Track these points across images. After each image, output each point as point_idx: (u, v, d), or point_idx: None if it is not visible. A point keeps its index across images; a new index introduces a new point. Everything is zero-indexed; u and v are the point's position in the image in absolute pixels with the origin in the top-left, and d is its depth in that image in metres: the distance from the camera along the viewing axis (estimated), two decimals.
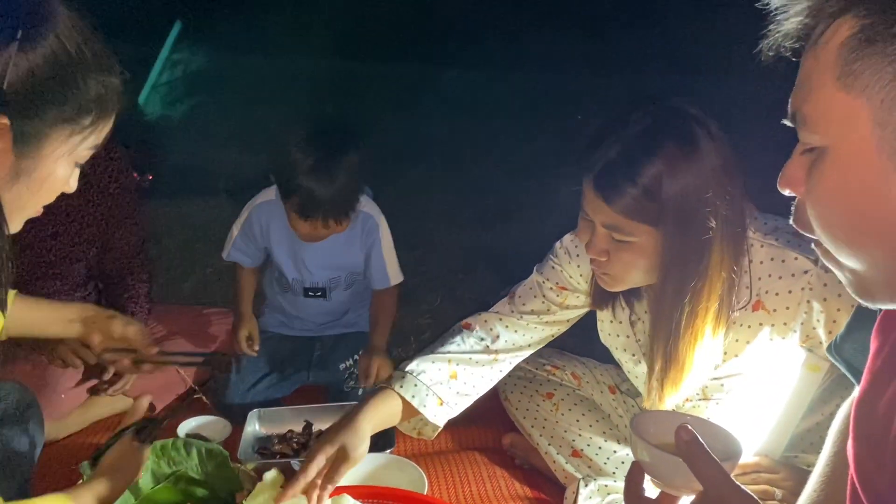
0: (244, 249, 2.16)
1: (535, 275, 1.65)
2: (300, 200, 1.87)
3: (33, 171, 1.00)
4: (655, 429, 1.01)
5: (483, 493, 1.75)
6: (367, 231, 2.10)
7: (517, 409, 1.82)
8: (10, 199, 1.00)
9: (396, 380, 1.47)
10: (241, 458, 1.76)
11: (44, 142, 0.98)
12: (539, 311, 1.61)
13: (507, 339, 1.60)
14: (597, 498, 1.56)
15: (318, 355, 2.19)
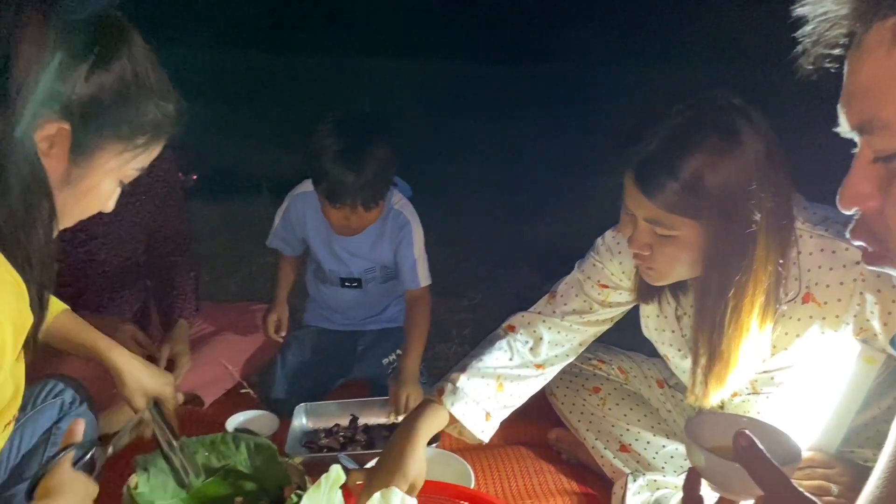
0: (284, 237, 2.20)
1: (576, 272, 1.63)
2: (328, 185, 1.88)
3: (81, 180, 1.03)
4: (710, 432, 0.99)
5: (529, 488, 1.74)
6: (398, 227, 2.10)
7: (563, 404, 1.81)
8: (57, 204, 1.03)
9: (448, 396, 1.47)
10: (288, 452, 1.78)
11: (97, 154, 1.03)
12: (581, 310, 1.60)
13: (550, 341, 1.60)
14: (646, 493, 1.55)
15: (361, 350, 2.20)
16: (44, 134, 0.96)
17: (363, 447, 1.86)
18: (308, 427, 1.96)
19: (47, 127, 0.96)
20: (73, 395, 1.62)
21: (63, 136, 0.98)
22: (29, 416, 1.54)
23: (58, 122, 0.96)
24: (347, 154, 1.85)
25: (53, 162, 0.99)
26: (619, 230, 1.36)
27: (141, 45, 1.05)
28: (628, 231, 1.32)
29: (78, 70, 0.97)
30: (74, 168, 1.02)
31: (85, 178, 1.04)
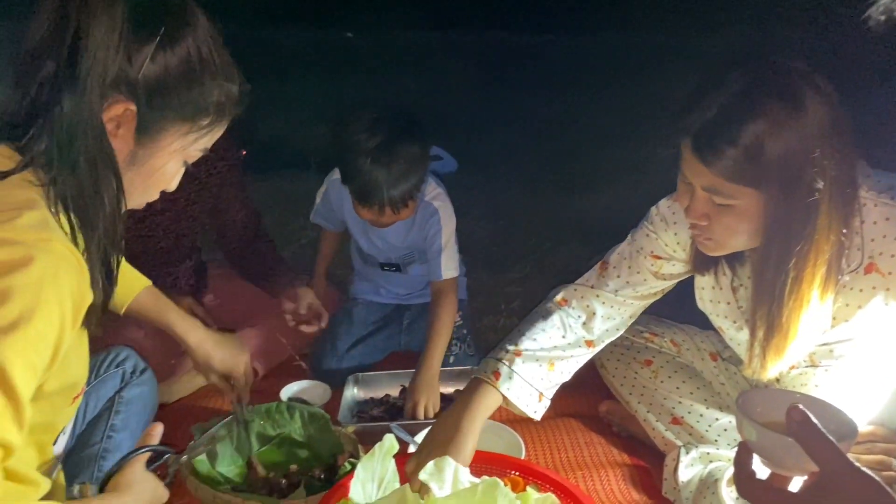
0: (325, 216, 2.22)
1: (628, 242, 1.61)
2: (358, 187, 1.85)
3: (147, 160, 1.05)
4: (763, 407, 0.97)
5: (580, 459, 1.75)
6: (426, 218, 2.05)
7: (614, 377, 1.79)
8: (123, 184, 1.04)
9: (504, 381, 1.46)
10: (340, 421, 1.81)
11: (162, 134, 1.04)
12: (634, 282, 1.58)
13: (603, 315, 1.58)
14: (698, 465, 1.53)
15: (409, 322, 2.22)
16: (111, 114, 0.98)
17: (413, 417, 1.88)
18: (359, 397, 1.99)
19: (114, 107, 0.97)
20: (134, 365, 1.67)
21: (129, 116, 0.99)
22: (93, 385, 1.59)
23: (125, 103, 0.98)
24: (378, 157, 1.80)
25: (120, 142, 1.01)
26: (676, 200, 1.34)
27: (206, 25, 1.05)
28: (685, 201, 1.30)
29: (144, 50, 0.98)
30: (140, 149, 1.03)
31: (150, 159, 1.05)
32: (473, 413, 1.41)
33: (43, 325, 0.86)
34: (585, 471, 1.70)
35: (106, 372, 1.63)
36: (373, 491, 1.33)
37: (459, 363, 2.09)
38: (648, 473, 1.69)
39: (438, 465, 1.30)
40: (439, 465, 1.30)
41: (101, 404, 1.60)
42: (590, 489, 1.62)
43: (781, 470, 0.91)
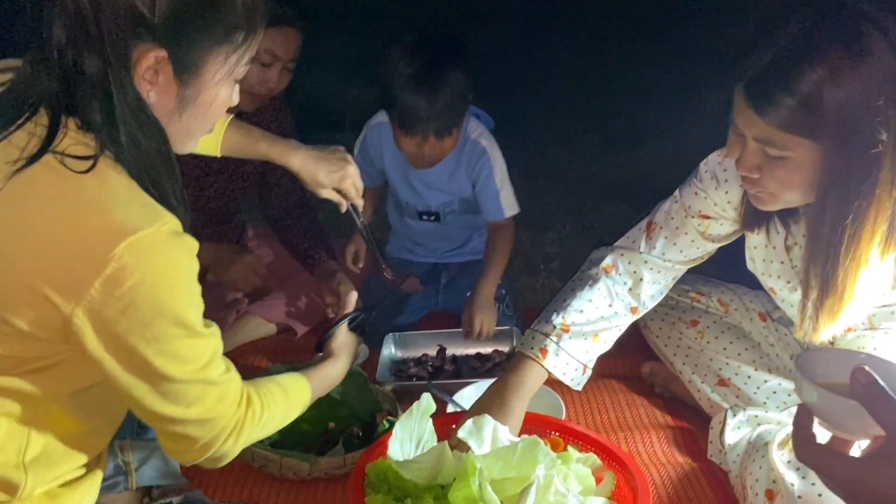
0: (363, 168, 2.13)
1: (675, 201, 1.54)
2: (400, 112, 1.83)
3: (198, 97, 1.00)
4: (824, 368, 0.91)
5: (622, 421, 1.71)
6: (474, 159, 2.02)
7: (658, 337, 1.74)
8: (181, 127, 1.02)
9: (550, 358, 1.43)
10: (379, 380, 1.80)
11: (202, 68, 0.99)
12: (681, 244, 1.53)
13: (649, 280, 1.53)
14: (746, 428, 1.49)
15: (446, 281, 2.19)
16: (144, 65, 0.93)
17: (451, 377, 1.86)
18: (397, 356, 1.98)
19: (144, 59, 0.93)
20: None
21: (163, 62, 0.94)
22: None
23: (153, 51, 0.93)
24: (420, 79, 1.78)
25: (163, 90, 0.96)
26: (726, 152, 1.27)
27: None
28: (735, 152, 1.23)
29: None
30: (186, 89, 0.98)
31: (200, 95, 1.00)
32: (520, 391, 1.40)
33: (189, 282, 0.95)
34: (627, 432, 1.66)
35: None
36: (411, 449, 1.32)
37: (498, 322, 2.05)
38: (692, 436, 1.65)
39: (477, 423, 1.28)
40: (478, 423, 1.28)
41: None
42: (632, 451, 1.59)
43: (843, 433, 0.86)
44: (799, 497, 1.20)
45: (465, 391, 1.70)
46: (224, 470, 1.54)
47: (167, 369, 0.94)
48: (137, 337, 0.91)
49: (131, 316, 0.89)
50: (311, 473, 1.49)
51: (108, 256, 0.86)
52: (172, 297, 0.92)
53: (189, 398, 0.99)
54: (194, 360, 0.97)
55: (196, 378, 0.98)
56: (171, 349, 0.94)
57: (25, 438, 0.98)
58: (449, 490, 1.20)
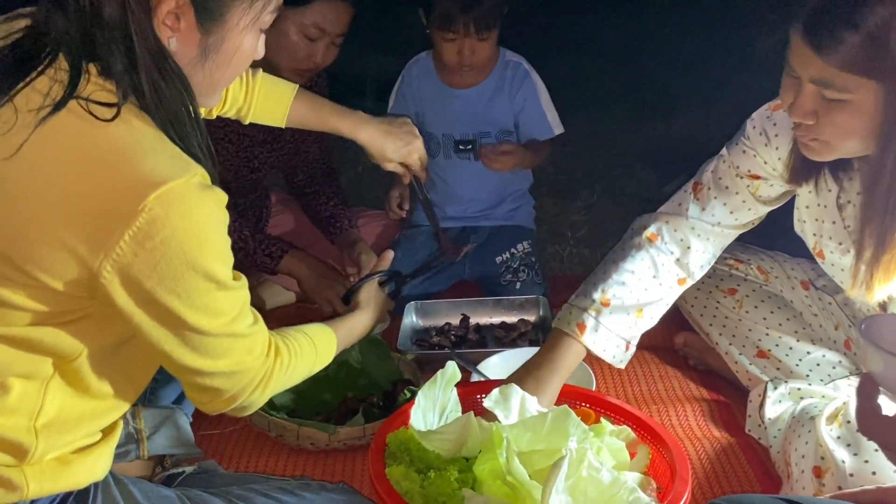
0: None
1: (723, 160, 1.45)
2: (439, 9, 1.85)
3: (221, 45, 0.97)
4: (890, 334, 0.85)
5: (655, 393, 1.64)
6: (518, 80, 2.03)
7: (693, 306, 1.66)
8: (204, 78, 0.98)
9: (590, 333, 1.35)
10: (400, 348, 1.74)
11: (226, 14, 0.95)
12: (733, 205, 1.43)
13: (697, 248, 1.45)
14: (787, 402, 1.41)
15: (474, 247, 2.11)
16: (165, 10, 0.89)
17: (475, 346, 1.80)
18: (419, 325, 1.92)
19: (165, 1, 0.88)
20: None
21: (184, 6, 0.90)
22: None
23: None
24: None
25: (186, 36, 0.93)
26: (780, 98, 1.18)
27: None
28: (790, 97, 1.14)
29: None
30: (209, 36, 0.95)
31: (224, 43, 0.97)
32: (556, 370, 1.33)
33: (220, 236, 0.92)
34: (661, 405, 1.59)
35: None
36: (434, 420, 1.26)
37: (526, 290, 1.99)
38: (729, 409, 1.58)
39: (504, 392, 1.21)
40: (505, 392, 1.22)
41: None
42: (665, 424, 1.52)
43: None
44: (850, 475, 1.13)
45: (490, 360, 1.64)
46: (239, 439, 1.53)
47: (198, 322, 0.92)
48: (168, 291, 0.88)
49: (162, 270, 0.86)
50: (329, 444, 1.44)
51: (137, 208, 0.83)
52: (203, 250, 0.89)
53: (219, 351, 0.98)
54: (225, 313, 0.96)
55: (226, 331, 0.97)
56: (201, 303, 0.92)
57: (40, 401, 0.94)
58: (474, 462, 1.14)
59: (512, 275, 2.03)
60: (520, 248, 2.07)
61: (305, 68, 1.81)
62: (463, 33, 1.87)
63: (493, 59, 2.02)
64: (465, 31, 1.87)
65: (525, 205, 2.19)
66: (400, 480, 1.13)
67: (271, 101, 1.47)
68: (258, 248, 1.82)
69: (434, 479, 1.12)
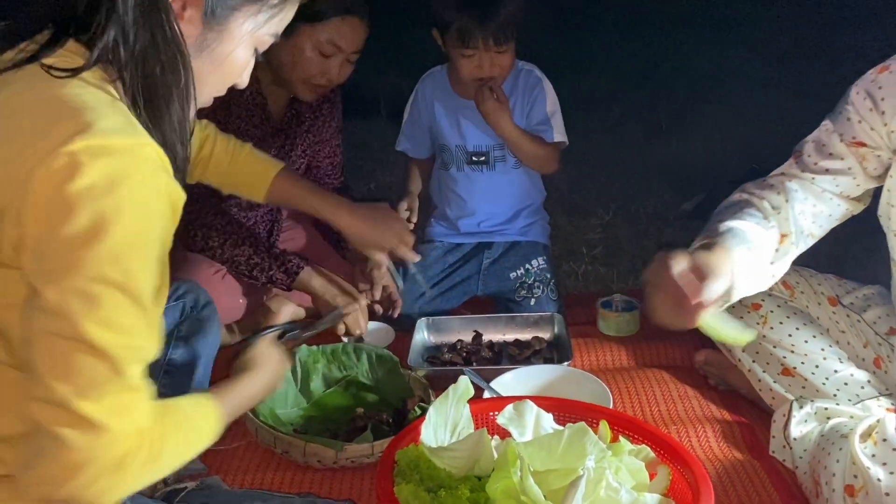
0: (411, 134, 2.14)
1: (826, 128, 1.36)
2: (458, 25, 1.83)
3: (217, 45, 0.97)
4: None
5: (673, 414, 1.58)
6: (530, 86, 2.01)
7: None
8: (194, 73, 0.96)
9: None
10: (411, 364, 1.69)
11: (230, 16, 0.96)
12: (836, 170, 1.34)
13: (799, 211, 1.35)
14: (813, 422, 1.35)
15: (488, 263, 2.08)
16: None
17: (488, 363, 1.75)
18: (430, 342, 1.87)
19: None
20: (195, 299, 1.57)
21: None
22: None
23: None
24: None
25: (188, 25, 0.92)
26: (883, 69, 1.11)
27: None
28: None
29: None
30: (209, 32, 0.95)
31: (220, 44, 0.97)
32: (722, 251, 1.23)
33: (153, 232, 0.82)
34: (680, 426, 1.53)
35: (166, 305, 1.52)
36: (445, 436, 1.21)
37: (541, 307, 1.94)
38: (752, 430, 1.52)
39: (518, 408, 1.17)
40: (519, 408, 1.17)
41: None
42: (685, 446, 1.45)
43: None
44: (886, 494, 1.07)
45: (504, 378, 1.59)
46: (244, 455, 1.49)
47: (89, 332, 0.76)
48: (66, 265, 0.76)
49: (69, 232, 0.75)
50: (336, 461, 1.39)
51: (59, 150, 0.75)
52: (126, 235, 0.77)
53: (95, 381, 0.78)
54: (127, 333, 0.79)
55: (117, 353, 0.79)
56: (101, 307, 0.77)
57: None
58: (486, 481, 1.09)
59: (526, 291, 1.99)
60: (535, 263, 2.03)
61: (319, 84, 1.80)
62: (483, 48, 1.86)
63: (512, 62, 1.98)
64: (485, 45, 1.85)
65: (540, 220, 2.15)
66: (409, 499, 1.08)
67: (253, 176, 1.52)
68: (273, 263, 1.78)
69: (444, 498, 1.07)
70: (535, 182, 2.12)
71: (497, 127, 1.94)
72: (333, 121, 2.06)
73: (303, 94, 1.84)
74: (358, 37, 1.78)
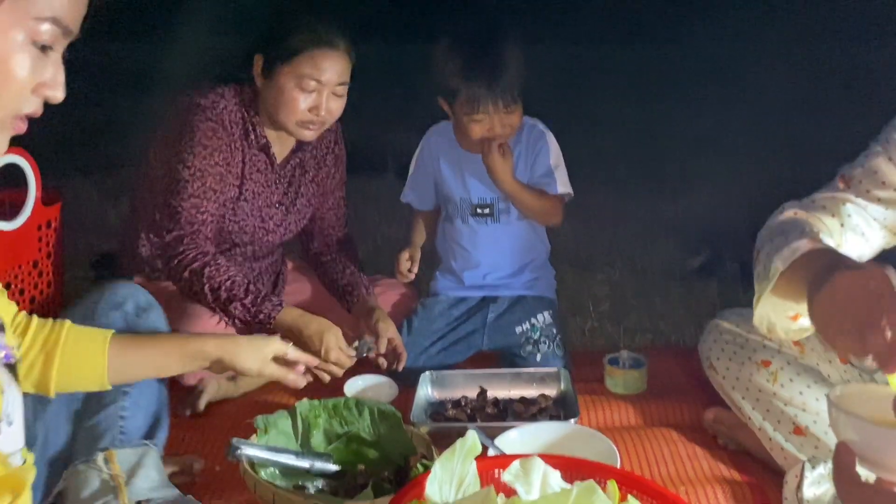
0: (417, 186, 2.16)
1: (878, 153, 1.32)
2: (467, 89, 1.87)
3: None
4: (862, 403, 0.86)
5: (682, 474, 1.54)
6: (533, 140, 2.03)
7: (725, 378, 1.57)
8: None
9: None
10: (414, 420, 1.66)
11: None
12: (887, 199, 1.30)
13: (852, 227, 1.30)
14: (826, 484, 1.31)
15: (494, 317, 2.06)
16: None
17: (493, 420, 1.72)
18: (434, 397, 1.84)
19: None
20: (135, 304, 1.41)
21: None
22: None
23: None
24: (480, 53, 1.87)
25: None
26: None
27: None
28: None
29: None
30: None
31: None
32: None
33: None
34: (689, 486, 1.49)
35: (104, 316, 1.35)
36: (450, 493, 1.17)
37: (546, 363, 1.92)
38: (762, 492, 1.48)
39: (525, 465, 1.13)
40: (526, 466, 1.14)
41: None
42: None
43: (886, 472, 0.80)
44: None
45: (509, 435, 1.55)
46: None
47: None
48: None
49: None
50: None
51: None
52: None
53: None
54: None
55: None
56: None
57: None
58: None
59: (532, 346, 1.97)
60: (540, 318, 2.02)
61: (311, 121, 1.81)
62: (492, 112, 1.89)
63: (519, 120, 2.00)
64: (494, 108, 1.88)
65: (545, 274, 2.15)
66: None
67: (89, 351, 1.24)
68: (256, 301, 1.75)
69: None
70: (540, 235, 2.13)
71: (498, 181, 1.96)
72: (338, 172, 2.09)
73: (300, 135, 1.84)
74: (337, 68, 1.79)
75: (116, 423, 1.28)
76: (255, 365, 1.42)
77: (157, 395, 1.42)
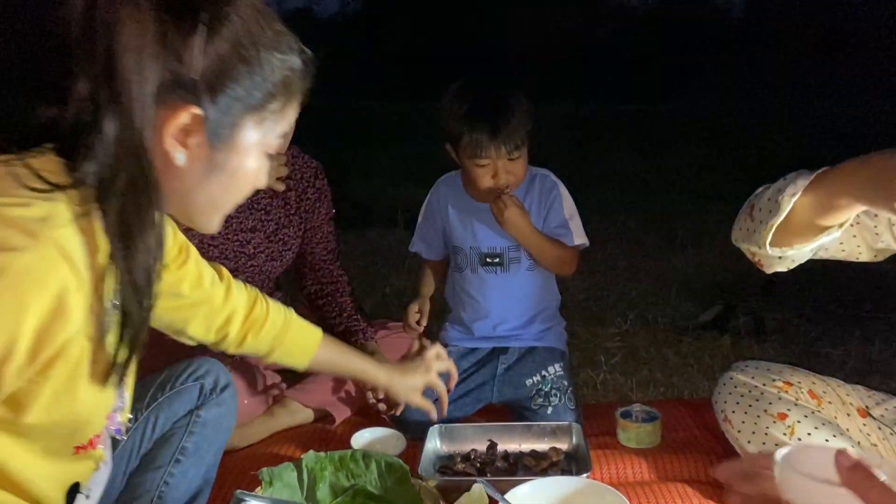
0: (425, 236, 2.16)
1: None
2: (471, 134, 1.87)
3: (226, 163, 0.96)
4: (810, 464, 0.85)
5: None
6: (546, 190, 2.03)
7: (740, 432, 1.54)
8: (205, 197, 0.98)
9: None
10: (422, 474, 1.63)
11: (235, 131, 0.95)
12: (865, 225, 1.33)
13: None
14: None
15: (504, 369, 2.03)
16: (175, 124, 0.88)
17: (503, 474, 1.67)
18: (442, 451, 1.80)
19: (177, 115, 0.88)
20: (215, 380, 1.50)
21: (197, 121, 0.90)
22: (167, 397, 1.43)
23: (187, 108, 0.88)
24: (484, 99, 1.89)
25: (194, 152, 0.92)
26: None
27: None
28: None
29: (190, 43, 0.88)
30: (216, 153, 0.94)
31: (230, 160, 0.96)
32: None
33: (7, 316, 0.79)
34: None
35: (183, 385, 1.45)
36: None
37: (558, 416, 1.88)
38: None
39: None
40: None
41: (172, 420, 1.42)
42: None
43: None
44: None
45: (520, 490, 1.51)
46: None
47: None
48: None
49: None
50: None
51: None
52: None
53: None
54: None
55: None
56: None
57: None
58: None
59: (543, 399, 1.93)
60: (551, 370, 1.98)
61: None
62: (495, 157, 1.90)
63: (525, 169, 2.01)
64: (497, 153, 1.89)
65: (556, 326, 2.12)
66: None
67: (303, 340, 1.57)
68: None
69: None
70: (550, 285, 2.11)
71: (515, 230, 1.95)
72: (322, 206, 2.07)
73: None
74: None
75: (158, 488, 1.29)
76: (405, 394, 1.73)
77: (206, 471, 1.43)
